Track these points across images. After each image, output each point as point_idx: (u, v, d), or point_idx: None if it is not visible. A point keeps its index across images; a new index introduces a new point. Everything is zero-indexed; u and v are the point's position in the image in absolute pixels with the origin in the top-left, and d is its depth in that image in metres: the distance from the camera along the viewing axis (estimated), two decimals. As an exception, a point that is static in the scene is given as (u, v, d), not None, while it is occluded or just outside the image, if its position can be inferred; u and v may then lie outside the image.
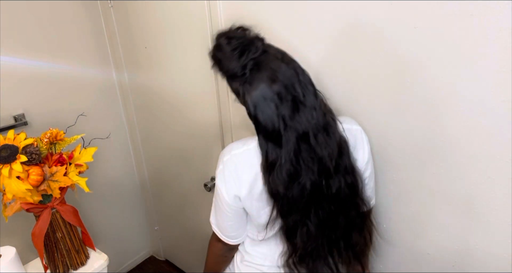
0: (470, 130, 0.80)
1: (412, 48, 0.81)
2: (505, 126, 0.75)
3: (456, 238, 0.92)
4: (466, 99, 0.78)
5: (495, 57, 0.71)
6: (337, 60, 0.95)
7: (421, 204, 0.95)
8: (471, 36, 0.73)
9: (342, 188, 0.77)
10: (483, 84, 0.74)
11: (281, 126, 0.71)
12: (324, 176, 0.75)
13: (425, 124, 0.86)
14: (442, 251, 0.96)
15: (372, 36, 0.87)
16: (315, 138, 0.73)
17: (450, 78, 0.78)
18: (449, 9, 0.74)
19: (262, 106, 0.71)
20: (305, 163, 0.73)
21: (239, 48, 0.71)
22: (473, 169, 0.83)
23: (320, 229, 0.79)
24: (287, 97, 0.70)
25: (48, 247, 1.27)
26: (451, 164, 0.86)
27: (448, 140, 0.84)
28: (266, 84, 0.70)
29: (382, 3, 0.83)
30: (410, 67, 0.83)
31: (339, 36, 0.93)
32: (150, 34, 1.51)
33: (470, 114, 0.78)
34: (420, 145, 0.89)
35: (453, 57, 0.76)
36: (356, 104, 0.96)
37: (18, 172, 1.07)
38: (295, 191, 0.74)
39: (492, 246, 0.86)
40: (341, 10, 0.90)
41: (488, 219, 0.85)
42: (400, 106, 0.88)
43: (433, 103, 0.82)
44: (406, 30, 0.81)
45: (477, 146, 0.80)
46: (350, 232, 0.85)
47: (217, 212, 0.88)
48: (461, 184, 0.86)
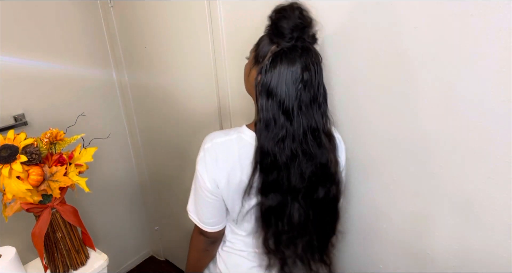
0: (470, 130, 0.80)
1: (412, 48, 0.81)
2: (505, 126, 0.75)
3: (456, 238, 0.92)
4: (466, 99, 0.78)
5: (495, 57, 0.71)
6: (337, 60, 0.95)
7: (421, 204, 0.95)
8: (471, 36, 0.73)
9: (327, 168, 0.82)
10: (483, 84, 0.74)
11: (295, 108, 0.75)
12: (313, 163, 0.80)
13: (424, 123, 0.86)
14: (442, 251, 0.96)
15: (372, 35, 0.87)
16: (316, 135, 0.78)
17: (450, 78, 0.78)
18: (449, 9, 0.74)
19: (287, 79, 0.74)
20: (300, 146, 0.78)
21: (305, 21, 0.75)
22: (474, 169, 0.83)
23: (299, 217, 0.83)
24: (310, 90, 0.75)
25: (48, 247, 1.27)
26: (452, 164, 0.86)
27: (448, 140, 0.84)
28: (301, 66, 0.74)
29: (383, 3, 0.83)
30: (411, 66, 0.83)
31: (336, 36, 0.93)
32: (150, 34, 1.51)
33: (470, 114, 0.78)
34: (420, 145, 0.89)
35: (453, 57, 0.76)
36: (356, 104, 0.97)
37: (18, 172, 1.07)
38: (282, 150, 0.77)
39: (492, 246, 0.86)
40: (341, 10, 0.90)
41: (489, 220, 0.85)
42: (400, 106, 0.88)
43: (433, 103, 0.82)
44: (407, 30, 0.81)
45: (477, 146, 0.80)
46: (325, 224, 0.89)
47: (197, 198, 0.89)
48: (461, 184, 0.86)
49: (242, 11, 1.12)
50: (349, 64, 0.94)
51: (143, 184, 2.05)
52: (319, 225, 0.88)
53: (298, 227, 0.84)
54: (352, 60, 0.93)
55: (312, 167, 0.80)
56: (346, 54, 0.93)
